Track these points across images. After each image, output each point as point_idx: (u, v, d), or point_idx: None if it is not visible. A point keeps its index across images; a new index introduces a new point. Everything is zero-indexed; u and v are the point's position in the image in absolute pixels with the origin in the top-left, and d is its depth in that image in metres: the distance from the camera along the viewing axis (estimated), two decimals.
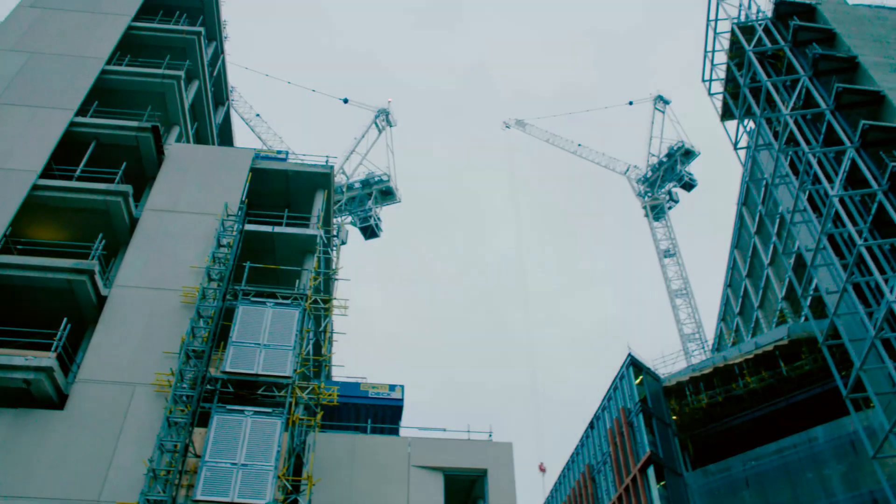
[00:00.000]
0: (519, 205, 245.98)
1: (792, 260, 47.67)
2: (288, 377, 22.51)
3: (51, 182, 26.81)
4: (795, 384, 45.89)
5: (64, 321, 22.81)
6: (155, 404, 21.96)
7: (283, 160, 32.22)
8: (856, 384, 36.18)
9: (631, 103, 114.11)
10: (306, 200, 31.27)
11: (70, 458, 20.68)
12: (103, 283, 24.83)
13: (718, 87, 50.54)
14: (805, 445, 43.44)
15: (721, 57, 49.56)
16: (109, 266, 26.80)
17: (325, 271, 29.04)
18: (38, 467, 20.37)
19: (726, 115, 50.93)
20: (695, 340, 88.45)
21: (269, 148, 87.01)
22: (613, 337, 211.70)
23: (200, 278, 25.06)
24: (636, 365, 51.98)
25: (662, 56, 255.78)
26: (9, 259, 24.19)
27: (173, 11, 39.34)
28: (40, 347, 22.10)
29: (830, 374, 41.02)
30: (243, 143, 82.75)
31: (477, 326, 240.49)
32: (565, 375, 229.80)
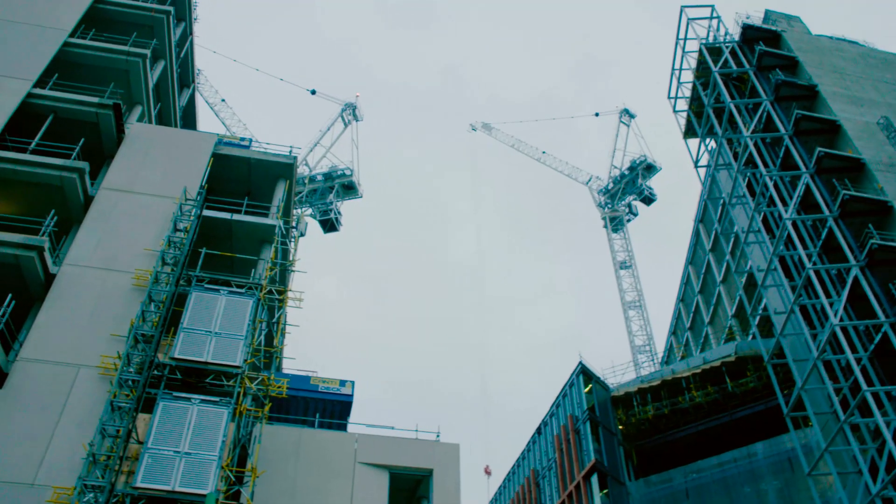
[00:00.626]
0: (480, 209, 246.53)
1: (744, 279, 48.76)
2: (238, 367, 22.23)
3: (3, 153, 26.00)
4: (739, 400, 46.97)
5: (8, 297, 22.18)
6: (99, 387, 21.48)
7: (247, 147, 31.77)
8: (797, 403, 37.23)
9: (597, 115, 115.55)
10: (267, 189, 30.93)
11: (6, 439, 20.09)
12: (52, 261, 24.20)
13: (683, 105, 51.50)
14: (745, 460, 44.47)
15: (688, 76, 50.51)
16: (60, 244, 26.15)
17: (282, 262, 28.75)
18: None
19: (689, 133, 51.92)
20: (645, 352, 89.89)
21: (233, 134, 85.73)
22: (570, 345, 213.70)
23: (154, 262, 24.60)
24: (586, 374, 52.60)
25: (636, 70, 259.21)
26: None
27: None
28: None
29: (773, 392, 42.08)
30: (207, 128, 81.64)
31: (433, 327, 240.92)
32: (518, 382, 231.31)
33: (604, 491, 45.65)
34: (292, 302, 26.40)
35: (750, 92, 46.03)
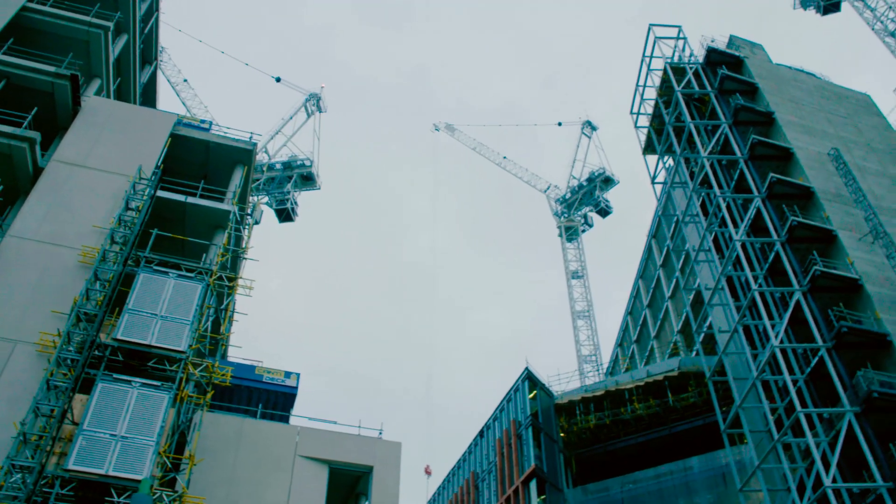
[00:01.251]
0: (438, 209, 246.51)
1: (691, 296, 49.79)
2: (182, 352, 21.83)
3: None
4: (679, 414, 47.93)
5: None
6: (36, 365, 20.83)
7: (206, 130, 31.24)
8: (734, 420, 38.20)
9: (560, 124, 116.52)
10: (224, 174, 30.46)
11: None
12: None
13: (645, 122, 52.34)
14: (681, 473, 45.41)
15: (652, 93, 51.35)
16: (5, 214, 25.32)
17: (235, 249, 28.32)
18: None
19: (649, 149, 52.80)
20: (591, 362, 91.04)
21: (193, 116, 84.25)
22: (519, 351, 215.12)
23: (103, 239, 23.98)
24: (532, 380, 53.05)
25: (605, 84, 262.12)
26: None
27: None
28: None
29: (712, 409, 43.04)
30: (167, 107, 79.84)
31: (384, 325, 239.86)
32: (464, 385, 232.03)
33: (542, 497, 46.10)
34: (242, 290, 26.06)
35: (710, 114, 47.04)
